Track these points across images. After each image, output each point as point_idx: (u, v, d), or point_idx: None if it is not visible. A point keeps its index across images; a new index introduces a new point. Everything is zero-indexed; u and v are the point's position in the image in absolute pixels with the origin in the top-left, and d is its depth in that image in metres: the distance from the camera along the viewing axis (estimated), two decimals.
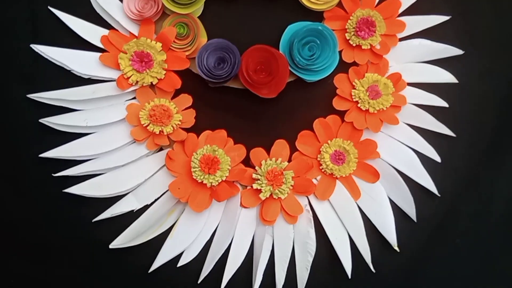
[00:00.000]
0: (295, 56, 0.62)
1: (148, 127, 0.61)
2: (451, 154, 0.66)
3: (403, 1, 0.64)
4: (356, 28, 0.63)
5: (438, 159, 0.66)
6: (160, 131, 0.61)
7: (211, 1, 0.62)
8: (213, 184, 0.61)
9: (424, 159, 0.66)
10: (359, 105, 0.64)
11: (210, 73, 0.61)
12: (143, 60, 0.61)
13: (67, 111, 0.62)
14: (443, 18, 0.64)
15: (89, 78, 0.62)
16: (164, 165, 0.64)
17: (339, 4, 0.63)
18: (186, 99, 0.63)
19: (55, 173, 0.63)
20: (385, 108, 0.64)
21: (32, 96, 0.62)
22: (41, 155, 0.62)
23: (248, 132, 0.65)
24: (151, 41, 0.61)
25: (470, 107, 0.67)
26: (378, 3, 0.64)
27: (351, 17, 0.63)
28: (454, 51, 0.65)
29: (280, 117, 0.65)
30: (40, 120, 0.62)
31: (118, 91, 0.62)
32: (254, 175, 0.63)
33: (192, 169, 0.61)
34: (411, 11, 0.64)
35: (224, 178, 0.61)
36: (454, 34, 0.65)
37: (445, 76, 0.65)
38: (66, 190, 0.62)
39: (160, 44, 0.61)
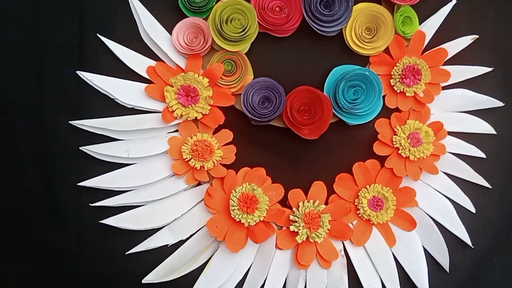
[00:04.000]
0: (339, 98, 0.62)
1: (189, 162, 0.61)
2: (486, 205, 0.66)
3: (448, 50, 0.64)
4: (401, 75, 0.63)
5: (472, 209, 0.66)
6: (201, 166, 0.61)
7: (259, 39, 0.62)
8: (250, 223, 0.60)
9: (459, 209, 0.66)
10: (399, 151, 0.64)
11: (254, 111, 0.61)
12: (189, 95, 0.60)
13: (108, 140, 0.62)
14: (486, 69, 0.65)
15: (132, 108, 0.62)
16: (201, 200, 0.63)
17: (386, 50, 0.63)
18: (227, 135, 0.62)
19: (92, 202, 0.62)
20: (425, 157, 0.64)
21: (75, 123, 0.61)
22: (79, 184, 0.61)
23: (286, 171, 0.64)
24: (198, 76, 0.60)
25: (506, 159, 0.67)
26: (424, 51, 0.64)
27: (397, 64, 0.63)
28: (495, 103, 0.65)
29: (319, 157, 0.65)
30: (81, 148, 0.61)
31: (161, 124, 0.61)
32: (291, 217, 0.62)
33: (231, 208, 0.60)
34: (453, 60, 0.64)
35: (262, 219, 0.61)
36: (495, 85, 0.66)
37: (484, 127, 0.66)
38: (102, 221, 0.62)
39: (207, 80, 0.60)
